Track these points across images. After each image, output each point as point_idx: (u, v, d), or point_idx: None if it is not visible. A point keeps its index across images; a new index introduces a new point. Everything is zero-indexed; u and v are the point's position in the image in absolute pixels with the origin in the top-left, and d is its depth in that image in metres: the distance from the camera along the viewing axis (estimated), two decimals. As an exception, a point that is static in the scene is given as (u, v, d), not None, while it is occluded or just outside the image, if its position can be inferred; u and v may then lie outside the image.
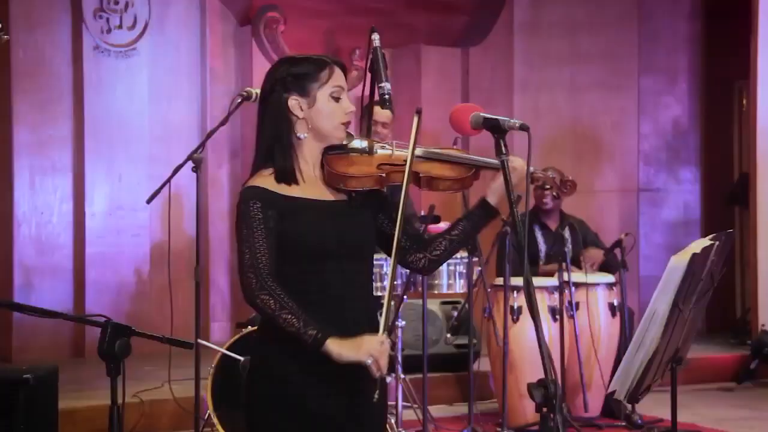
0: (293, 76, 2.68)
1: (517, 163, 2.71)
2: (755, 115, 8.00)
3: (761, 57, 7.96)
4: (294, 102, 2.67)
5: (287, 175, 2.66)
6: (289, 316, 2.54)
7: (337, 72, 2.71)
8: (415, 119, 2.72)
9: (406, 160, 2.68)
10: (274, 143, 2.68)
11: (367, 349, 2.54)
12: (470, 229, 2.79)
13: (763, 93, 7.94)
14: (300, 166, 2.69)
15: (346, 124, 2.72)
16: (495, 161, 2.68)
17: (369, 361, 2.53)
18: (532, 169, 2.68)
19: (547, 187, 2.89)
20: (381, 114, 5.32)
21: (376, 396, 2.58)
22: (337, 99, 2.69)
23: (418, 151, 2.73)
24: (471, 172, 2.76)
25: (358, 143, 2.73)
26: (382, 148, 2.75)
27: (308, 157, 2.71)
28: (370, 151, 2.72)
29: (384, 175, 2.68)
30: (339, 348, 2.53)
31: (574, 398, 5.99)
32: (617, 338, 6.15)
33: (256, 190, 2.63)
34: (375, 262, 2.85)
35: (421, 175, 2.72)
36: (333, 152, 2.71)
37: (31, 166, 7.68)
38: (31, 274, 7.64)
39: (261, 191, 2.63)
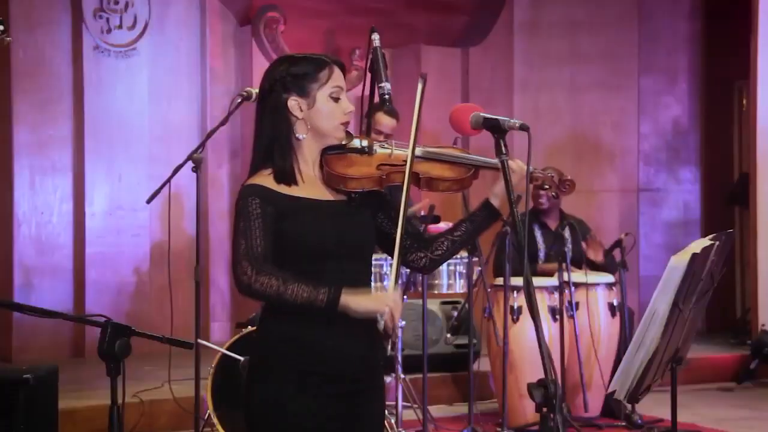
0: (292, 76, 2.67)
1: (516, 164, 2.71)
2: (755, 115, 8.00)
3: (761, 57, 7.96)
4: (293, 103, 2.67)
5: (287, 175, 2.66)
6: (296, 285, 2.53)
7: (337, 72, 2.70)
8: (420, 85, 2.71)
9: (405, 160, 2.67)
10: (273, 143, 2.68)
11: (383, 301, 2.55)
12: (472, 231, 2.78)
13: (763, 93, 7.94)
14: (299, 167, 2.69)
15: (345, 124, 2.71)
16: (494, 161, 2.68)
17: (386, 311, 2.53)
18: (531, 168, 2.68)
19: (546, 186, 2.88)
20: (385, 124, 5.28)
21: (388, 349, 2.60)
22: (336, 99, 2.68)
23: (418, 151, 2.72)
24: (470, 172, 2.75)
25: (358, 143, 2.73)
26: (382, 147, 2.74)
27: (308, 157, 2.70)
28: (369, 151, 2.71)
29: (384, 175, 2.67)
30: (356, 299, 2.54)
31: (574, 398, 5.99)
32: (617, 338, 6.15)
33: (256, 188, 2.63)
34: (375, 262, 2.85)
35: (420, 175, 2.71)
36: (332, 152, 2.70)
37: (31, 166, 7.68)
38: (31, 274, 7.64)
39: (261, 188, 2.63)
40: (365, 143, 2.72)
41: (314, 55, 2.73)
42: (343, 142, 2.71)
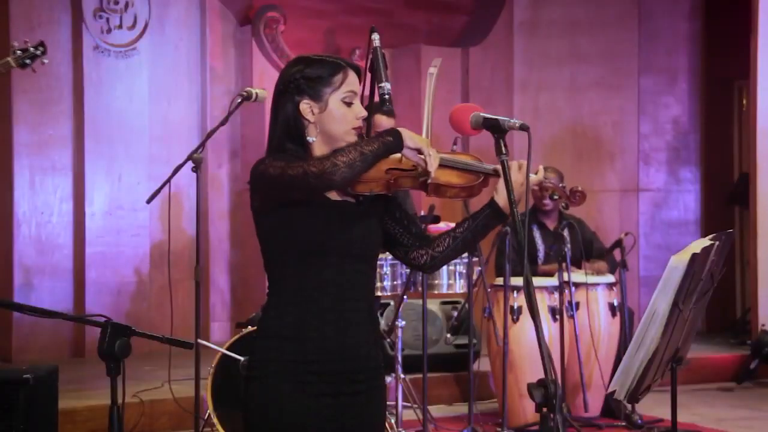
0: (306, 78, 2.66)
1: (516, 169, 2.70)
2: (755, 115, 8.00)
3: (761, 57, 7.96)
4: (306, 106, 2.66)
5: None
6: (362, 147, 2.55)
7: (351, 76, 2.70)
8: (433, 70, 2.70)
9: (414, 166, 2.66)
10: (285, 143, 2.68)
11: (428, 143, 2.61)
12: (474, 229, 2.75)
13: (763, 93, 7.94)
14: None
15: (357, 129, 2.70)
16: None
17: (430, 151, 2.58)
18: (542, 177, 2.71)
19: (556, 196, 2.87)
20: (386, 126, 5.26)
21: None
22: (349, 104, 2.68)
23: None
24: (479, 180, 2.72)
25: None
26: None
27: (318, 158, 2.71)
28: None
29: (392, 180, 2.66)
30: (411, 135, 2.59)
31: (574, 398, 5.99)
32: (617, 338, 6.15)
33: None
34: (375, 262, 2.84)
35: (428, 181, 2.70)
36: None
37: (31, 166, 7.68)
38: (31, 274, 7.64)
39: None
40: None
41: (330, 58, 2.72)
42: None
